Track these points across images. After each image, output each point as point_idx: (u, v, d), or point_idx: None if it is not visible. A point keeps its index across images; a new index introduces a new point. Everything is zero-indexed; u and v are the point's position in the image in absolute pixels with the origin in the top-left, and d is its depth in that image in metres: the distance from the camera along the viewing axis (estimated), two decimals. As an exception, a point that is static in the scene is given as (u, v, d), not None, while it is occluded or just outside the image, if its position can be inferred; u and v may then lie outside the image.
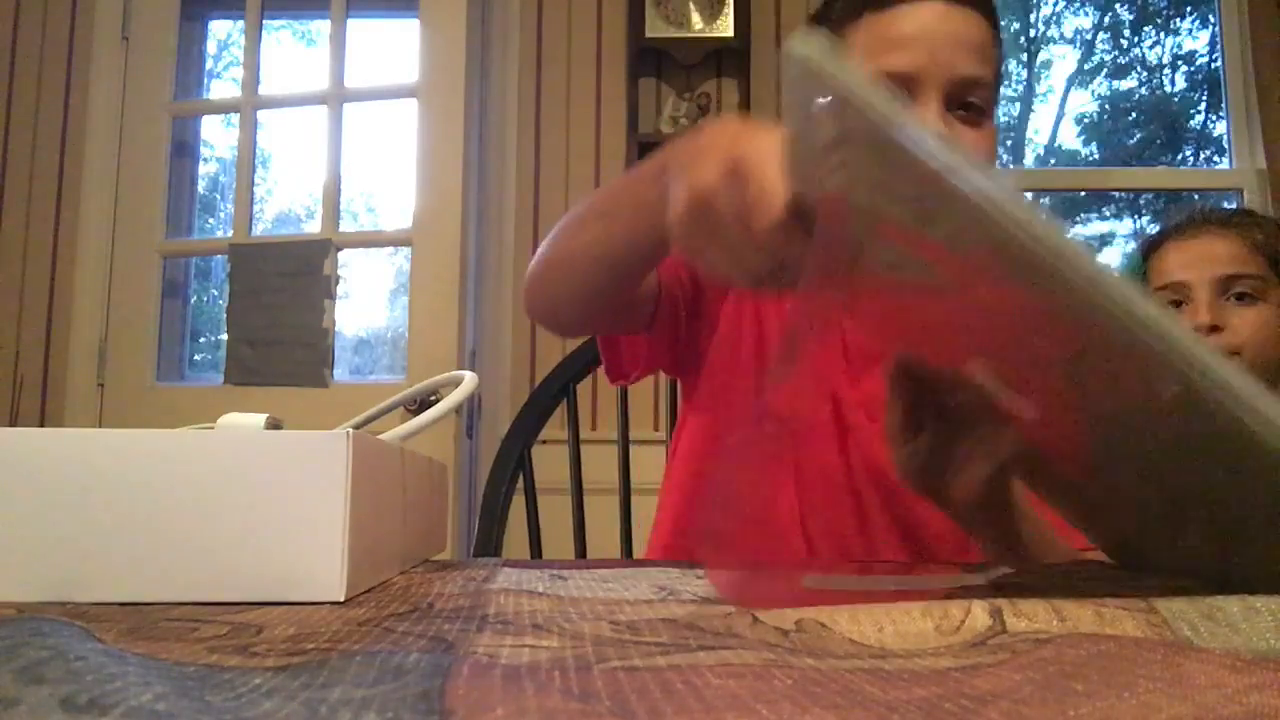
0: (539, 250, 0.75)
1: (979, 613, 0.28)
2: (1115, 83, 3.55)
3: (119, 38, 2.10)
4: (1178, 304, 1.16)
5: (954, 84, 0.74)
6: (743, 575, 0.43)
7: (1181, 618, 0.28)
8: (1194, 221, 1.19)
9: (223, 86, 2.92)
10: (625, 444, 1.14)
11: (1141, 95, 3.50)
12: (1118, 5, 3.46)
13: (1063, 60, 3.65)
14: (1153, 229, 3.10)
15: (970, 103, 0.75)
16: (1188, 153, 3.31)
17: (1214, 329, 1.11)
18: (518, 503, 1.21)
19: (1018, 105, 3.67)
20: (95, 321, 2.03)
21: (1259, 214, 1.21)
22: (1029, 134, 3.73)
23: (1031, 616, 0.28)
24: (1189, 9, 3.25)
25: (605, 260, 0.68)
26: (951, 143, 0.34)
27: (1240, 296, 1.13)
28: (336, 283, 1.96)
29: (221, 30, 2.86)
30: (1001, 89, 0.84)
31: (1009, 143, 3.59)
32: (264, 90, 2.09)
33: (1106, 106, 3.49)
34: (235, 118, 2.13)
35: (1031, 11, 3.59)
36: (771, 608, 0.29)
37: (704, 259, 0.48)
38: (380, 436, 0.43)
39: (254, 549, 0.34)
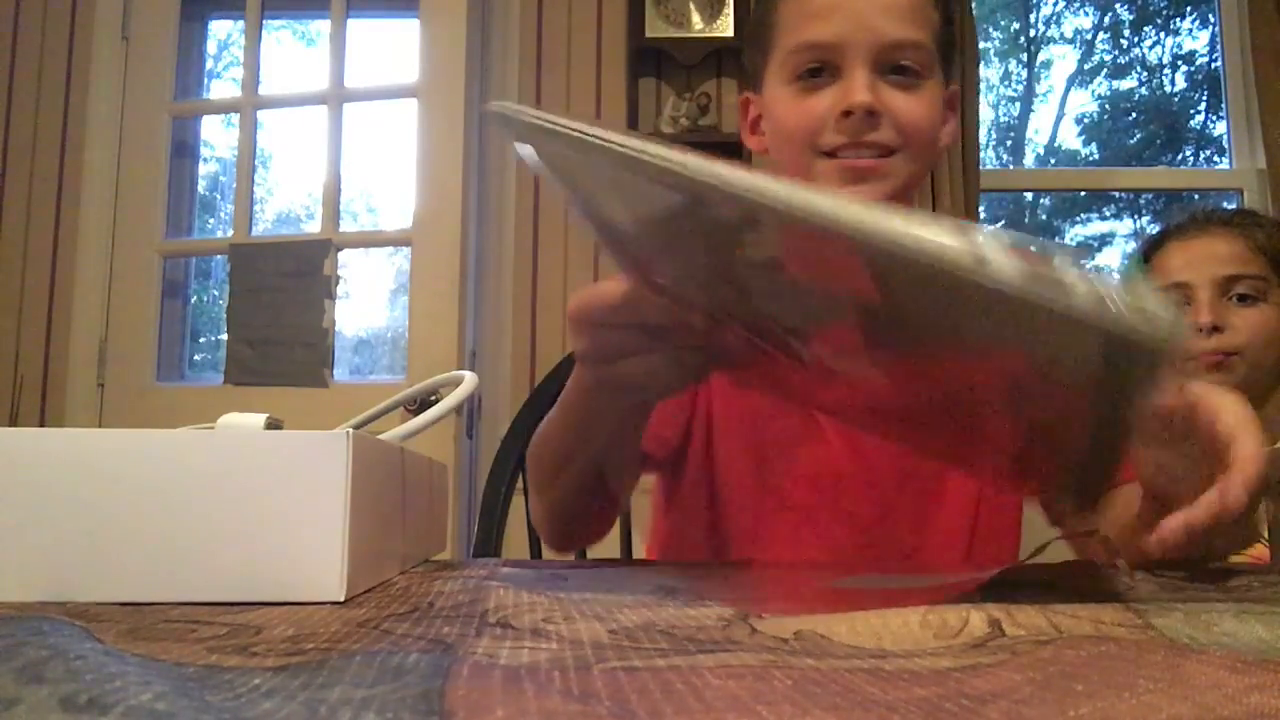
0: (530, 487, 0.73)
1: (976, 622, 0.28)
2: (1115, 83, 3.55)
3: (119, 38, 2.10)
4: (1179, 303, 1.16)
5: (881, 49, 0.72)
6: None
7: (1179, 633, 0.28)
8: (1196, 221, 1.19)
9: (223, 86, 2.92)
10: (625, 444, 1.13)
11: (1141, 95, 3.50)
12: (1118, 5, 3.46)
13: (1063, 60, 3.65)
14: (1153, 229, 3.10)
15: (904, 66, 0.73)
16: (1188, 153, 3.31)
17: (1215, 329, 1.11)
18: (518, 503, 1.20)
19: (1018, 105, 3.67)
20: (95, 321, 2.03)
21: (1261, 214, 1.21)
22: (1029, 134, 3.72)
23: (1029, 627, 0.28)
24: (1189, 9, 3.25)
25: (590, 457, 0.66)
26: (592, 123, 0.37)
27: (1242, 297, 1.12)
28: (336, 283, 1.96)
29: (221, 30, 2.86)
30: (950, 45, 0.81)
31: (1009, 143, 3.59)
32: (264, 90, 2.09)
33: (1106, 106, 3.48)
34: (235, 118, 2.13)
35: (1031, 11, 3.59)
36: (798, 610, 0.29)
37: (617, 373, 0.50)
38: (380, 436, 0.43)
39: (254, 549, 0.34)
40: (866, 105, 0.71)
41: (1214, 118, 2.98)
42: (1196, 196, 2.35)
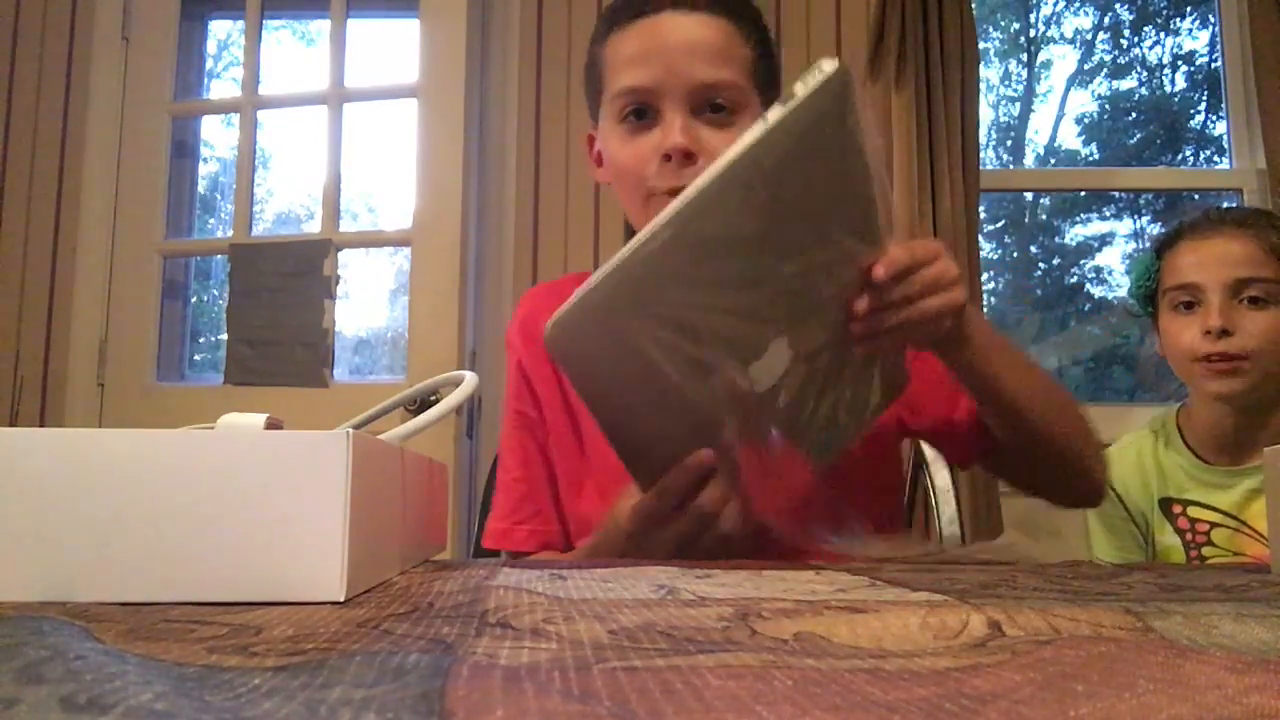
0: None
1: (976, 623, 0.28)
2: (1115, 83, 3.55)
3: (119, 38, 2.10)
4: (1190, 304, 1.15)
5: (694, 90, 0.78)
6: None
7: (1178, 635, 0.28)
8: (1210, 221, 1.18)
9: (223, 86, 2.92)
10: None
11: (1141, 95, 3.50)
12: (1118, 5, 3.46)
13: (1063, 60, 3.65)
14: (1153, 229, 3.10)
15: (719, 103, 0.79)
16: (1188, 153, 3.31)
17: (1224, 332, 1.11)
18: (518, 503, 1.20)
19: (1018, 105, 3.67)
20: (95, 321, 2.03)
21: (1276, 215, 1.20)
22: (1029, 134, 3.73)
23: (1028, 628, 0.28)
24: (1189, 9, 3.25)
25: None
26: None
27: (1253, 300, 1.12)
28: (336, 283, 1.96)
29: (221, 30, 2.86)
30: (771, 72, 0.85)
31: (1009, 143, 3.59)
32: (264, 90, 2.09)
33: (1106, 106, 3.49)
34: (235, 118, 2.13)
35: (1031, 11, 3.59)
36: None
37: (700, 552, 0.61)
38: (380, 436, 0.43)
39: (254, 549, 0.34)
40: (682, 148, 0.76)
41: (1214, 118, 2.98)
42: (1196, 196, 2.35)
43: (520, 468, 0.90)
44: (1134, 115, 3.57)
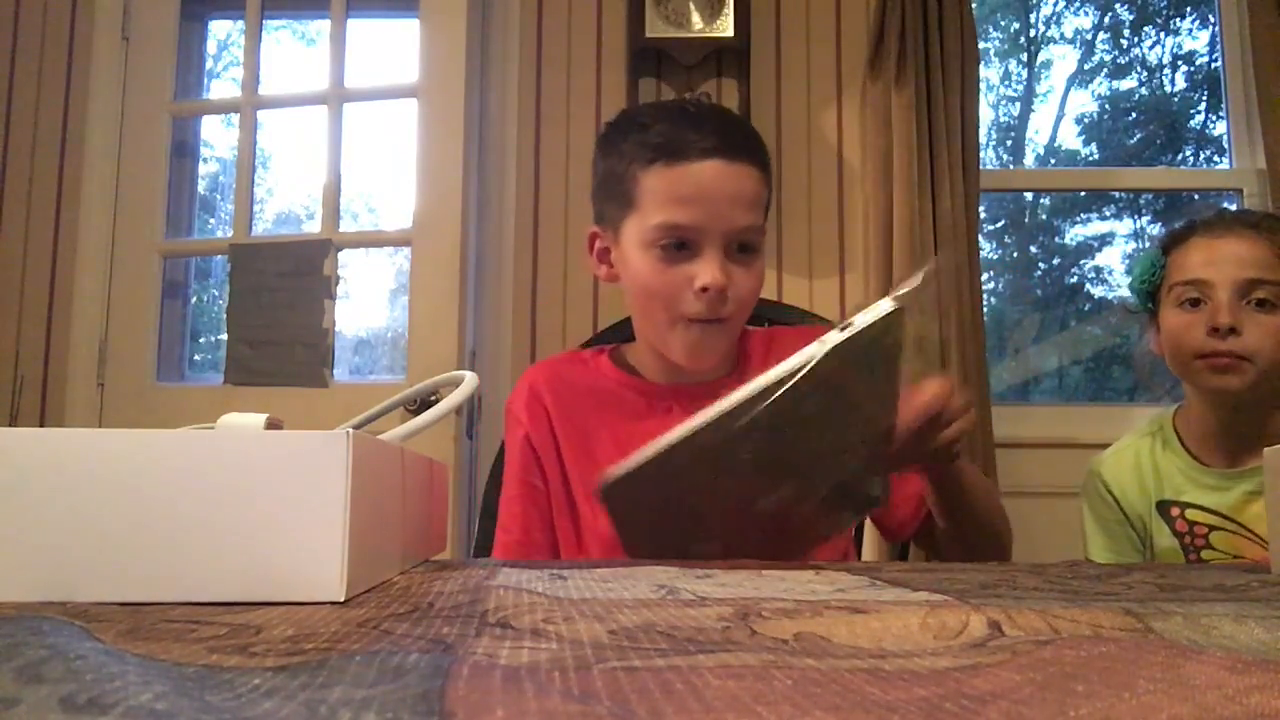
0: None
1: (976, 623, 0.28)
2: (1115, 83, 3.55)
3: (119, 38, 2.10)
4: (1196, 301, 1.14)
5: (731, 235, 0.88)
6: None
7: (1178, 635, 0.28)
8: (1223, 220, 1.17)
9: (223, 86, 2.92)
10: (625, 444, 1.14)
11: (1141, 95, 3.49)
12: (1118, 5, 3.46)
13: (1063, 60, 3.65)
14: (1153, 229, 3.10)
15: (746, 245, 0.90)
16: (1188, 153, 3.31)
17: (1231, 331, 1.10)
18: (518, 503, 1.20)
19: (1018, 105, 3.67)
20: (95, 321, 2.03)
21: None
22: (1029, 134, 3.72)
23: (1027, 629, 0.28)
24: (1189, 9, 3.24)
25: None
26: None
27: (1260, 303, 1.11)
28: (336, 283, 1.96)
29: (221, 30, 2.86)
30: (768, 209, 0.97)
31: (1009, 143, 3.59)
32: (264, 90, 2.09)
33: (1106, 106, 3.48)
34: (235, 118, 2.13)
35: (1031, 11, 3.59)
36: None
37: None
38: (380, 436, 0.43)
39: (254, 549, 0.34)
40: (722, 286, 0.88)
41: (1214, 118, 2.98)
42: (1196, 196, 2.35)
43: (523, 533, 0.96)
44: (1134, 115, 3.57)
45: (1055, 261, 3.31)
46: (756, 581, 0.41)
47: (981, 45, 2.09)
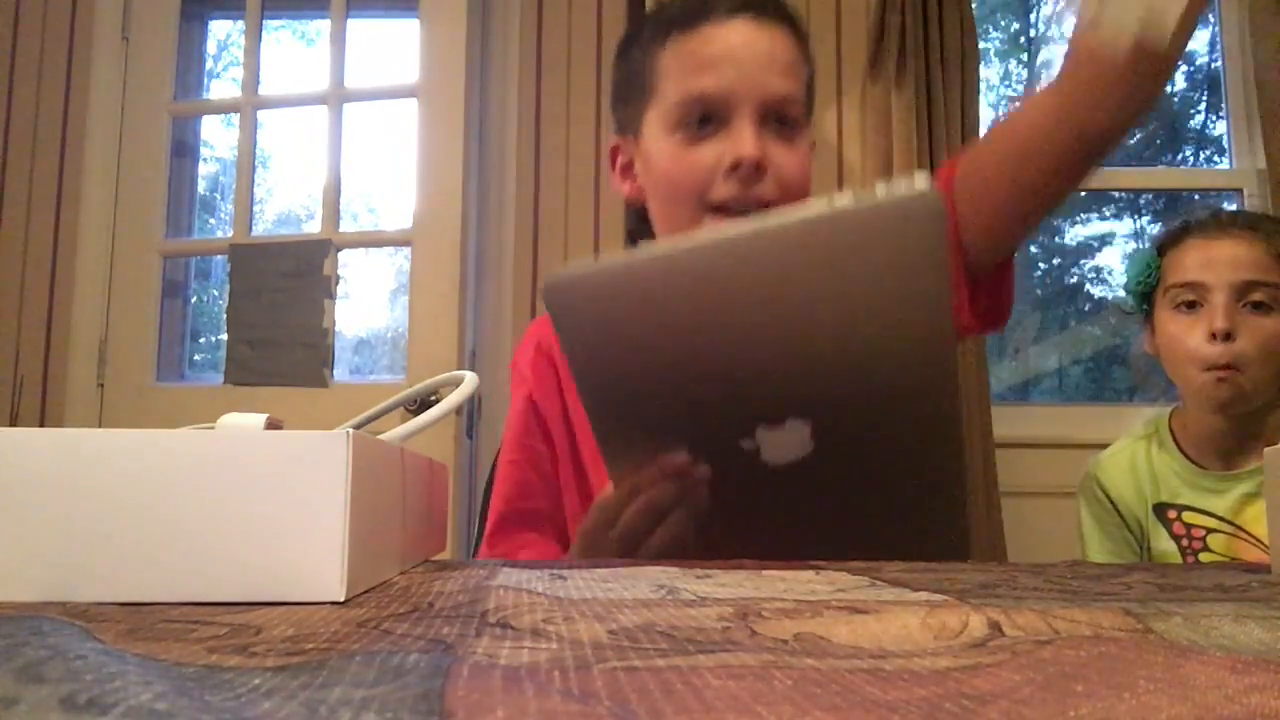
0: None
1: (976, 624, 0.28)
2: (1115, 83, 3.55)
3: (119, 38, 2.10)
4: (1192, 304, 1.14)
5: (766, 102, 0.75)
6: None
7: (1178, 636, 0.28)
8: (1220, 222, 1.17)
9: (223, 86, 2.92)
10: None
11: (1141, 95, 3.50)
12: (1118, 5, 3.46)
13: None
14: (1153, 229, 3.09)
15: (784, 118, 0.76)
16: (1188, 153, 3.31)
17: (1228, 336, 1.10)
18: (518, 503, 1.20)
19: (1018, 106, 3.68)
20: (95, 321, 2.03)
21: None
22: (1029, 134, 3.73)
23: (1027, 629, 0.28)
24: (1189, 9, 3.25)
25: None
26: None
27: (1256, 305, 1.11)
28: (336, 283, 1.96)
29: (221, 30, 2.86)
30: (813, 99, 0.84)
31: (1009, 143, 3.59)
32: (264, 90, 2.09)
33: (1106, 106, 3.48)
34: (235, 118, 2.13)
35: (1031, 11, 3.59)
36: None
37: (649, 552, 0.59)
38: (380, 436, 0.43)
39: (254, 549, 0.34)
40: (755, 159, 0.73)
41: (1214, 118, 2.97)
42: (1196, 196, 2.35)
43: (521, 500, 0.86)
44: (1134, 115, 3.57)
45: (1055, 261, 3.31)
46: (756, 581, 0.41)
47: (981, 45, 2.09)
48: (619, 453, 0.59)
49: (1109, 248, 3.27)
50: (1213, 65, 2.55)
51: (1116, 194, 3.06)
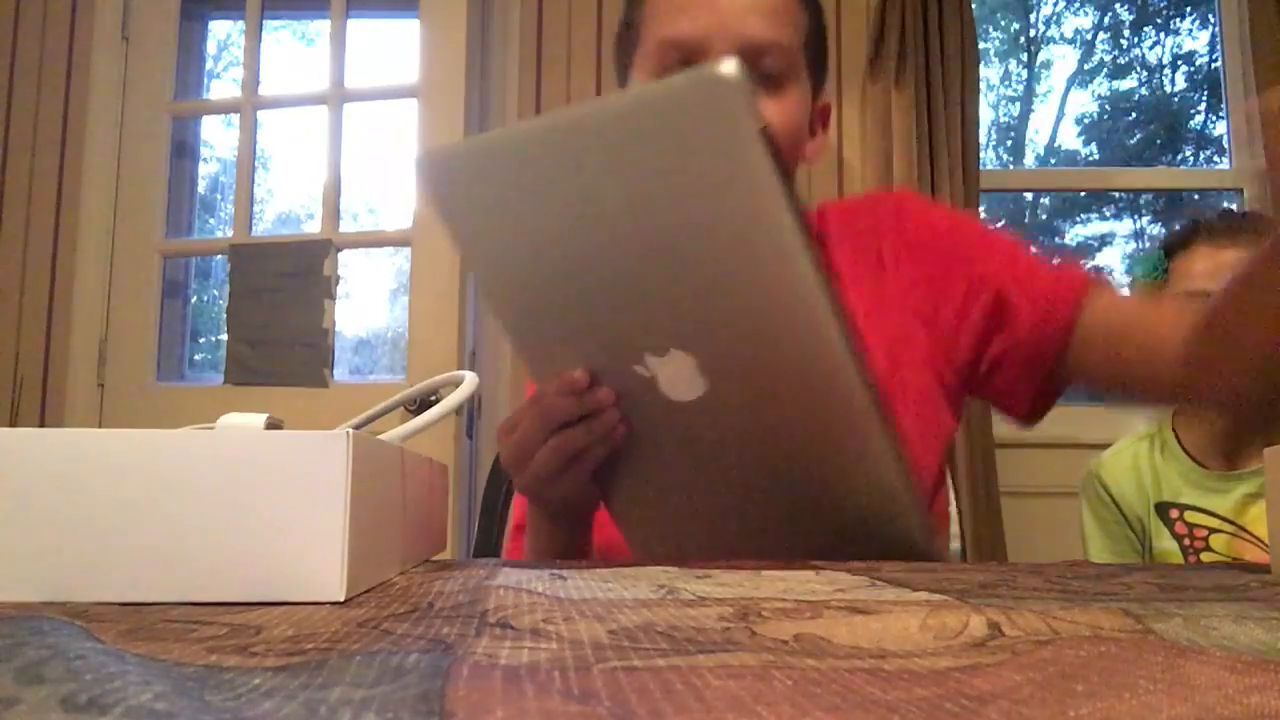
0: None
1: (976, 624, 0.28)
2: (1115, 83, 3.55)
3: (119, 38, 2.10)
4: None
5: (744, 49, 0.70)
6: None
7: (1178, 637, 0.28)
8: (1228, 228, 1.15)
9: (223, 86, 2.92)
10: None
11: (1141, 95, 3.50)
12: (1118, 5, 3.46)
13: (1063, 60, 3.65)
14: (1153, 229, 3.09)
15: (768, 69, 0.72)
16: (1188, 153, 3.31)
17: None
18: (518, 503, 1.20)
19: (1018, 105, 3.67)
20: (95, 321, 2.03)
21: None
22: (1029, 134, 3.73)
23: (1027, 629, 0.28)
24: (1189, 9, 3.25)
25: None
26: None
27: None
28: (336, 283, 1.96)
29: (221, 30, 2.86)
30: (823, 52, 0.80)
31: (1009, 143, 3.59)
32: (264, 90, 2.09)
33: (1106, 106, 3.49)
34: (235, 118, 2.13)
35: (1031, 11, 3.59)
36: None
37: (553, 494, 0.60)
38: (380, 436, 0.43)
39: (254, 549, 0.34)
40: None
41: (1214, 118, 2.98)
42: (1196, 196, 2.35)
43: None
44: (1134, 115, 3.57)
45: (1055, 262, 3.32)
46: (756, 581, 0.41)
47: (981, 45, 2.09)
48: (535, 360, 0.59)
49: (1109, 248, 3.28)
50: (1213, 65, 2.55)
51: (1116, 194, 3.06)
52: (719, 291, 0.51)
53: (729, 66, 0.45)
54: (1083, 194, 3.02)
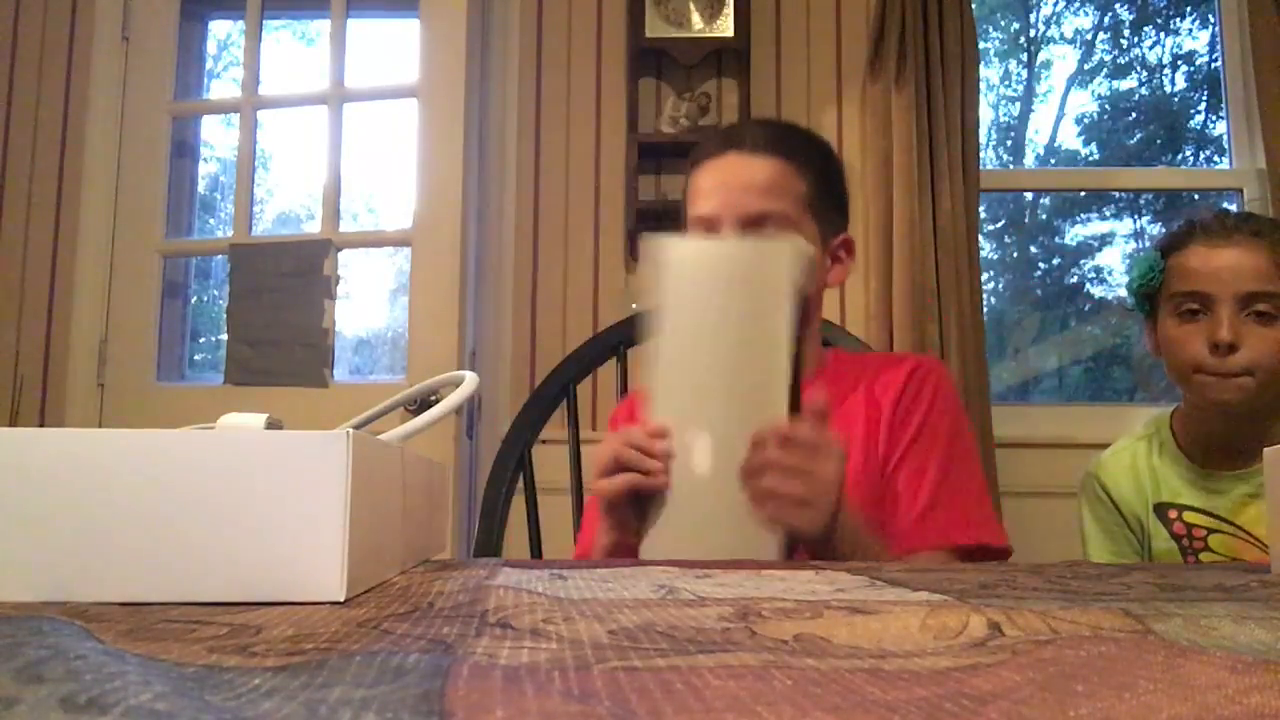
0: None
1: (976, 624, 0.28)
2: (1115, 83, 3.55)
3: (119, 38, 2.10)
4: (1195, 312, 1.13)
5: (745, 220, 0.93)
6: None
7: (1178, 637, 0.28)
8: (1224, 227, 1.14)
9: (223, 86, 2.92)
10: (625, 444, 1.14)
11: (1141, 95, 3.49)
12: (1118, 5, 3.46)
13: (1063, 60, 3.65)
14: (1153, 229, 3.09)
15: (769, 231, 0.93)
16: (1188, 153, 3.31)
17: (1231, 348, 1.09)
18: (518, 503, 1.20)
19: (1018, 105, 3.67)
20: (95, 321, 2.03)
21: None
22: (1029, 134, 3.72)
23: (1027, 630, 0.28)
24: (1189, 9, 3.24)
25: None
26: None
27: (1259, 314, 1.09)
28: (336, 283, 1.96)
29: (221, 30, 2.86)
30: (833, 198, 1.01)
31: (1009, 143, 3.59)
32: (264, 90, 2.09)
33: (1106, 106, 3.48)
34: (235, 118, 2.13)
35: (1031, 11, 3.59)
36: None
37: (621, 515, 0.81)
38: (380, 436, 0.43)
39: (254, 549, 0.34)
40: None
41: (1214, 118, 2.98)
42: (1196, 196, 2.35)
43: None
44: (1134, 115, 3.57)
45: (1055, 261, 3.31)
46: (756, 581, 0.41)
47: (981, 45, 2.09)
48: (659, 404, 0.80)
49: (1109, 248, 3.27)
50: (1213, 65, 2.55)
51: (1116, 194, 3.06)
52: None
53: (787, 240, 0.78)
54: (1083, 194, 3.02)
